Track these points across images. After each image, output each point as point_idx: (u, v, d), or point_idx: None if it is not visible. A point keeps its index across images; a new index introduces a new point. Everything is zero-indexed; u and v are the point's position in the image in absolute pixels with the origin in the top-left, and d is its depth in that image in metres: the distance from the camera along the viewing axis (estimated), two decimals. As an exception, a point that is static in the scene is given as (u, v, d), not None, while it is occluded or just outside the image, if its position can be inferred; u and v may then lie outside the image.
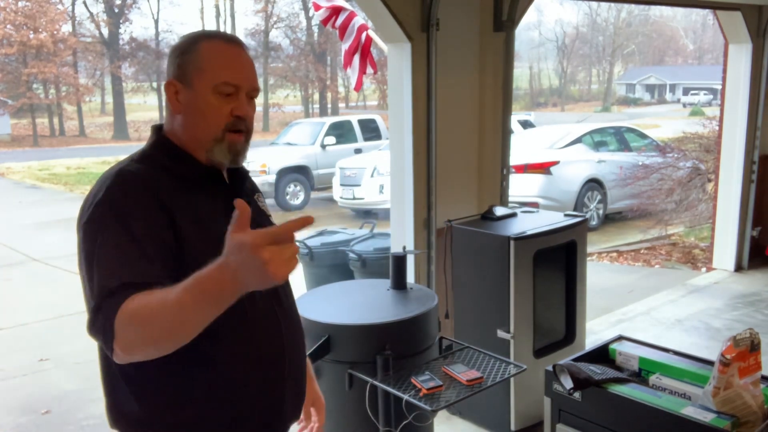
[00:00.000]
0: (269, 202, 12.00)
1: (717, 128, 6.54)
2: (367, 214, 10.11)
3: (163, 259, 1.24)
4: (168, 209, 1.29)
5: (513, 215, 3.51)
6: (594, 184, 9.26)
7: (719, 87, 6.44)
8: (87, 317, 1.20)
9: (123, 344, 1.15)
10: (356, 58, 4.81)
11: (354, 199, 10.53)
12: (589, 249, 5.68)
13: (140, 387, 1.33)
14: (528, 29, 52.82)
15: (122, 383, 1.33)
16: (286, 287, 1.52)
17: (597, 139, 10.03)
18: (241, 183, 1.50)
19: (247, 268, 1.06)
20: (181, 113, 1.39)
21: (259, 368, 1.40)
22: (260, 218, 1.51)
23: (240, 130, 1.39)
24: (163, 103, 1.53)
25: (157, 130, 1.45)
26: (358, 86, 5.07)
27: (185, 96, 1.38)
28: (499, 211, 3.50)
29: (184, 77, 1.37)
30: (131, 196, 1.28)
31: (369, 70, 4.86)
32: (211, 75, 1.36)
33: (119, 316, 1.13)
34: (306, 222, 1.09)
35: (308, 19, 36.10)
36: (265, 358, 1.41)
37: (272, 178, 11.71)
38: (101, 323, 1.16)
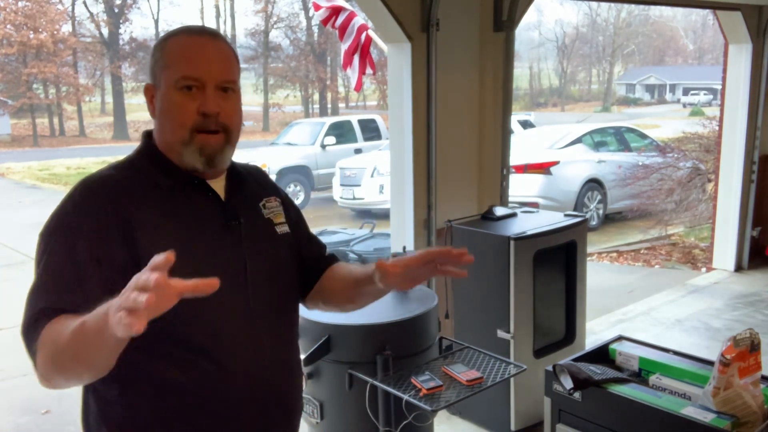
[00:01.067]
0: (269, 202, 12.06)
1: (717, 128, 6.54)
2: (367, 214, 10.10)
3: (103, 281, 1.14)
4: (127, 222, 1.20)
5: (513, 215, 3.51)
6: (594, 184, 9.27)
7: (719, 87, 6.44)
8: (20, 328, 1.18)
9: (42, 369, 1.12)
10: (356, 59, 4.81)
11: (354, 199, 10.53)
12: (589, 249, 5.68)
13: (108, 409, 1.26)
14: (528, 29, 52.81)
15: (93, 404, 1.28)
16: (279, 309, 1.39)
17: (597, 139, 10.03)
18: (237, 190, 1.37)
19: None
20: (155, 116, 1.30)
21: (233, 392, 1.27)
22: (260, 230, 1.38)
23: (212, 130, 1.26)
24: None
25: (147, 135, 1.36)
26: (358, 86, 5.06)
27: (157, 98, 1.29)
28: (499, 211, 3.50)
29: (155, 79, 1.29)
30: (83, 209, 1.21)
31: (368, 70, 4.86)
32: (172, 70, 1.25)
33: (38, 345, 1.11)
34: (199, 288, 0.96)
35: (308, 19, 36.09)
36: (240, 382, 1.28)
37: (272, 178, 11.69)
38: (26, 346, 1.14)
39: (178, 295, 0.94)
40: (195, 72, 1.25)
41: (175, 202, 1.28)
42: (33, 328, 1.13)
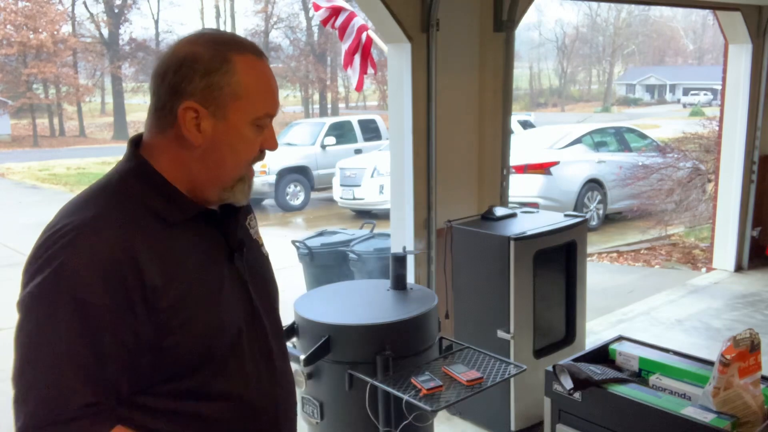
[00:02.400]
0: (269, 202, 12.11)
1: (717, 128, 6.55)
2: (367, 215, 10.11)
3: (124, 368, 1.03)
4: (139, 270, 1.02)
5: (513, 215, 3.51)
6: (594, 184, 9.27)
7: (719, 87, 6.44)
8: None
9: None
10: (357, 59, 4.82)
11: (354, 199, 10.53)
12: (589, 249, 5.68)
13: None
14: (528, 29, 52.82)
15: None
16: (280, 340, 1.33)
17: (597, 140, 10.03)
18: (233, 214, 1.23)
19: None
20: (201, 146, 1.10)
21: (260, 424, 1.23)
22: (254, 253, 1.31)
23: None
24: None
25: (135, 150, 1.14)
26: (359, 86, 5.07)
27: (212, 126, 1.09)
28: (499, 211, 3.50)
29: (214, 104, 1.09)
30: (95, 270, 0.99)
31: (369, 70, 4.86)
32: (251, 105, 1.11)
33: None
34: None
35: (308, 19, 36.10)
36: (266, 413, 1.23)
37: (272, 178, 11.71)
38: None
39: None
40: (274, 110, 1.15)
41: (182, 238, 1.13)
42: None
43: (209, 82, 1.08)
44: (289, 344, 2.37)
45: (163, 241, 1.08)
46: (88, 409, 0.98)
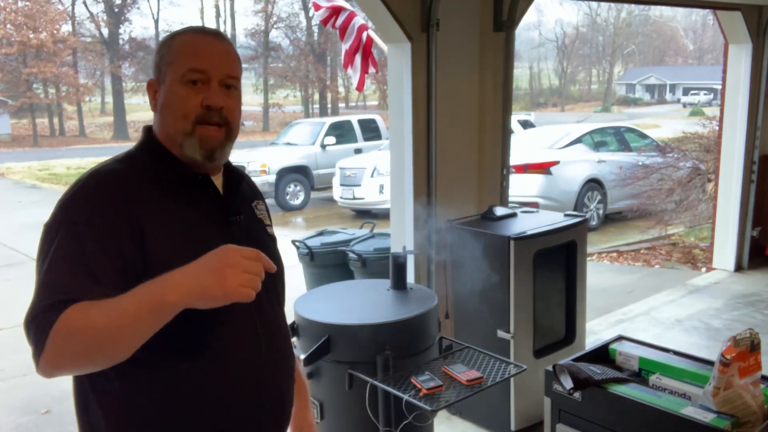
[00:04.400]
0: (269, 202, 12.07)
1: (717, 128, 6.55)
2: (367, 214, 10.11)
3: (113, 275, 1.15)
4: (137, 219, 1.20)
5: (513, 215, 3.51)
6: (594, 184, 9.27)
7: (719, 87, 6.44)
8: (24, 319, 1.14)
9: (52, 357, 1.09)
10: (358, 58, 4.82)
11: (354, 199, 10.53)
12: (589, 249, 5.69)
13: (108, 403, 1.26)
14: (528, 29, 52.88)
15: (93, 400, 1.27)
16: (276, 310, 1.42)
17: (597, 139, 10.03)
18: (234, 188, 1.41)
19: (205, 268, 1.06)
20: (157, 111, 1.33)
21: (232, 392, 1.29)
22: (256, 229, 1.43)
23: (214, 123, 1.28)
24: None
25: (147, 130, 1.37)
26: (360, 86, 5.07)
27: (160, 92, 1.31)
28: (499, 211, 3.50)
29: (160, 75, 1.31)
30: (95, 201, 1.20)
31: (371, 69, 4.86)
32: (178, 65, 1.28)
33: (54, 331, 1.08)
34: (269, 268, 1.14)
35: (308, 19, 36.10)
36: (238, 383, 1.30)
37: (272, 178, 11.71)
38: (34, 334, 1.10)
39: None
40: (201, 65, 1.28)
41: (179, 198, 1.29)
42: (44, 317, 1.09)
43: (157, 59, 1.33)
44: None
45: (156, 196, 1.25)
46: (68, 302, 1.10)
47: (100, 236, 1.16)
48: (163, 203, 1.26)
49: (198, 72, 1.27)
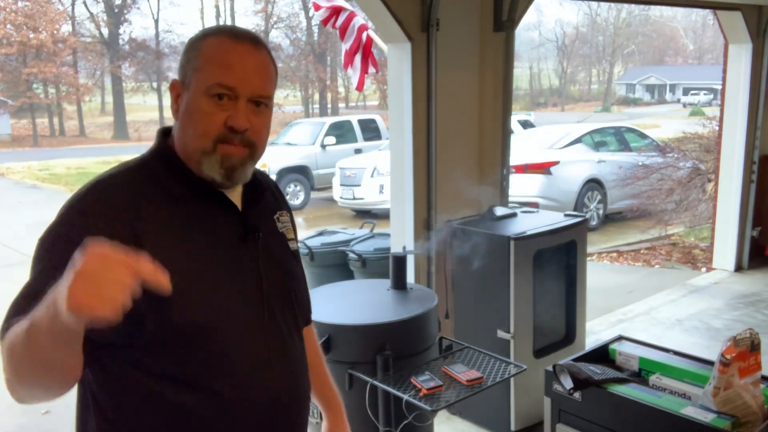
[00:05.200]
0: (269, 202, 12.06)
1: (717, 128, 6.54)
2: (367, 214, 10.11)
3: None
4: (135, 236, 1.10)
5: (513, 215, 3.51)
6: (594, 184, 9.27)
7: (719, 87, 6.44)
8: None
9: (6, 381, 1.01)
10: (358, 58, 4.81)
11: (354, 199, 10.53)
12: (589, 249, 5.68)
13: (110, 427, 1.17)
14: (528, 29, 52.87)
15: (93, 425, 1.19)
16: (294, 336, 1.31)
17: (597, 139, 10.03)
18: (254, 201, 1.28)
19: (66, 277, 0.87)
20: (178, 118, 1.20)
21: (239, 422, 1.19)
22: (276, 245, 1.32)
23: (237, 144, 1.17)
24: (164, 104, 1.34)
25: (162, 134, 1.25)
26: (360, 86, 5.06)
27: (183, 99, 1.19)
28: (499, 211, 3.50)
29: (185, 79, 1.18)
30: (95, 219, 1.10)
31: (371, 69, 4.85)
32: (205, 75, 1.15)
33: (4, 350, 1.01)
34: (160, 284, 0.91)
35: (308, 19, 36.11)
36: (247, 413, 1.20)
37: (272, 178, 11.71)
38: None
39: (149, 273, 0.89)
40: (230, 81, 1.15)
41: (189, 214, 1.18)
42: (2, 335, 1.03)
43: (184, 60, 1.20)
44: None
45: (164, 211, 1.16)
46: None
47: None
48: (169, 220, 1.16)
49: (226, 88, 1.15)
